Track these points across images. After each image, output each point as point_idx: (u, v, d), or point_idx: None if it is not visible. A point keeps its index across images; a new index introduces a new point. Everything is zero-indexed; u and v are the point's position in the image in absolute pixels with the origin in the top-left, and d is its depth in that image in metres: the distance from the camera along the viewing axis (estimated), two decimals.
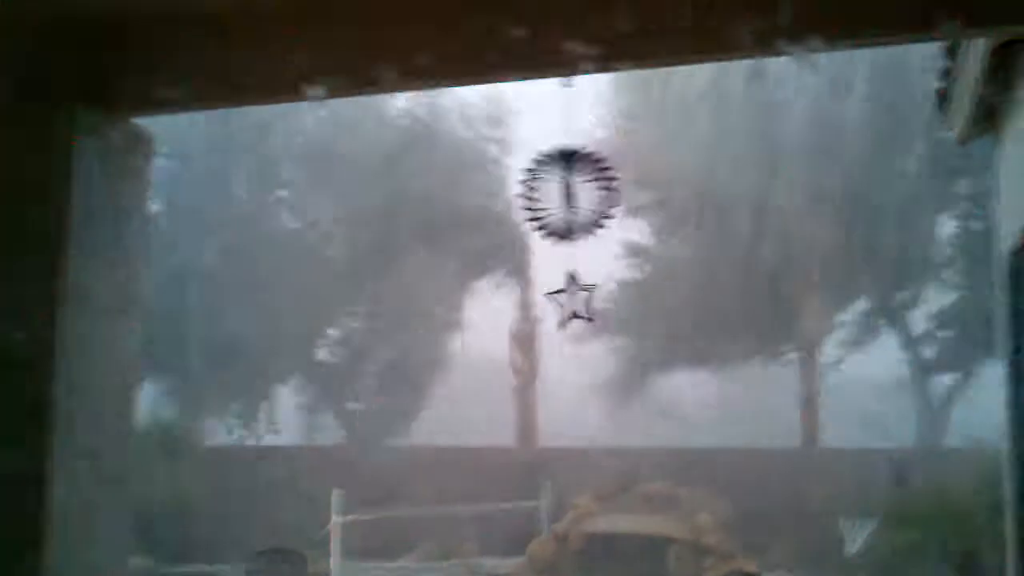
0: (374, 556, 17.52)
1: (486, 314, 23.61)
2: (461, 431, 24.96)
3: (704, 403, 22.79)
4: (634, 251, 22.46)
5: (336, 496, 12.87)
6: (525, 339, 23.05)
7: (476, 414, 27.21)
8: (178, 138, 18.92)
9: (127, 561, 4.41)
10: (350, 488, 13.74)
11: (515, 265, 23.13)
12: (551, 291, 4.80)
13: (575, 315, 4.87)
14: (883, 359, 23.53)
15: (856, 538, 16.95)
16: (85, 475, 4.07)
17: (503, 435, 22.76)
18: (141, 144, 4.21)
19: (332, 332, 23.96)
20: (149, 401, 20.05)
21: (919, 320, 21.47)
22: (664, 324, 22.14)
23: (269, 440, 23.37)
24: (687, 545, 16.98)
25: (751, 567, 13.81)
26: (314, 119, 22.88)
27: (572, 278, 4.65)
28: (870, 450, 19.65)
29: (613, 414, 23.00)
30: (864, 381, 31.52)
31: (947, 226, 21.10)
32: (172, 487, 18.02)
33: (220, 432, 23.66)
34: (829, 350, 21.43)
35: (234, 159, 22.32)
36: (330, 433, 23.42)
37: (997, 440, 4.95)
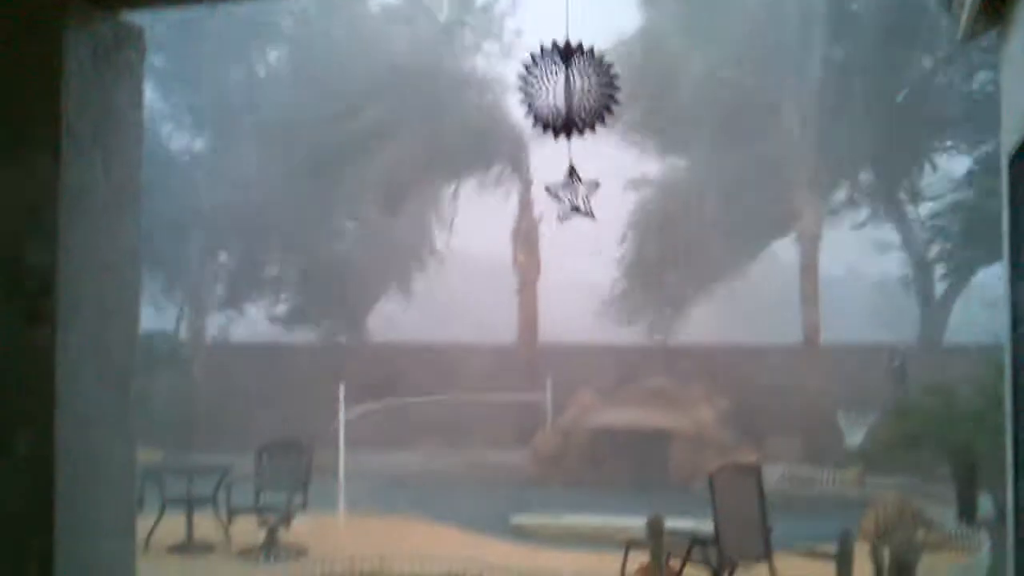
0: (381, 449, 17.83)
1: (488, 213, 23.53)
2: (464, 329, 25.14)
3: (706, 300, 22.86)
4: (637, 149, 22.30)
5: (342, 391, 13.02)
6: (527, 237, 23.00)
7: (479, 312, 27.37)
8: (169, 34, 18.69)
9: (135, 454, 4.48)
10: (356, 384, 13.89)
11: (515, 162, 22.94)
12: (550, 185, 4.73)
13: (575, 209, 4.81)
14: (886, 256, 23.54)
15: (855, 431, 17.20)
16: (90, 372, 4.10)
17: (506, 333, 22.92)
18: (132, 39, 4.13)
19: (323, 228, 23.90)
20: (150, 298, 20.15)
21: (923, 216, 21.37)
22: (666, 222, 22.10)
23: (272, 336, 23.59)
24: (687, 439, 17.23)
25: (751, 459, 14.00)
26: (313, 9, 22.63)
27: (572, 171, 4.57)
28: (871, 346, 19.79)
29: (616, 312, 23.10)
30: (866, 278, 31.62)
31: (954, 121, 20.86)
32: (177, 384, 18.26)
33: (218, 326, 23.89)
34: (831, 246, 21.36)
35: (225, 54, 22.01)
36: (323, 330, 23.58)
37: (998, 337, 4.94)
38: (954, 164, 20.78)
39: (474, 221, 23.80)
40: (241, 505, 10.73)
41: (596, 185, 4.99)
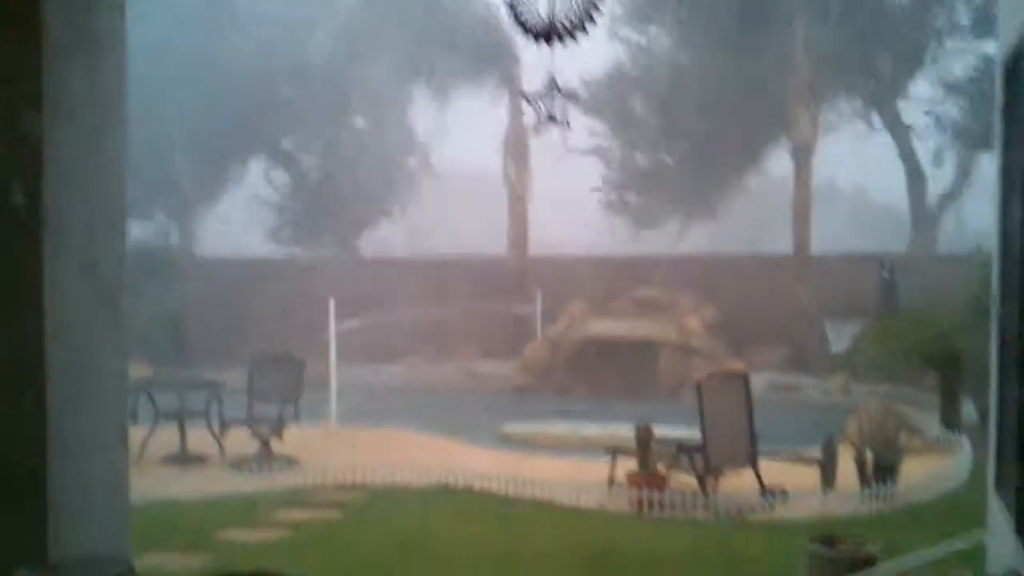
0: (372, 362, 17.96)
1: (478, 125, 23.31)
2: (455, 241, 25.11)
3: (696, 211, 22.81)
4: (627, 50, 22.00)
5: (332, 305, 13.03)
6: (516, 149, 22.83)
7: (469, 224, 27.31)
8: None
9: (127, 368, 4.50)
10: (348, 298, 13.90)
11: (505, 72, 22.63)
12: (528, 93, 4.68)
13: (551, 118, 4.74)
14: (880, 167, 23.45)
15: (841, 339, 17.34)
16: (82, 288, 4.09)
17: (496, 245, 22.90)
18: None
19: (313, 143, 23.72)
20: (138, 212, 20.03)
21: (918, 126, 21.22)
22: (653, 133, 21.93)
23: (264, 253, 23.55)
24: (676, 348, 17.37)
25: (738, 368, 14.14)
26: None
27: (552, 81, 4.52)
28: (861, 256, 19.82)
29: (606, 223, 23.07)
30: (859, 188, 31.58)
31: (952, 28, 20.61)
32: (168, 299, 18.26)
33: (207, 241, 23.84)
34: (825, 156, 21.25)
35: None
36: (314, 245, 23.54)
37: (987, 246, 4.95)
38: (951, 71, 20.58)
39: (464, 133, 23.59)
40: (233, 418, 10.82)
41: (575, 95, 4.92)
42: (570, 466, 10.48)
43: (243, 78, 20.88)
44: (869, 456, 9.19)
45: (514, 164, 22.95)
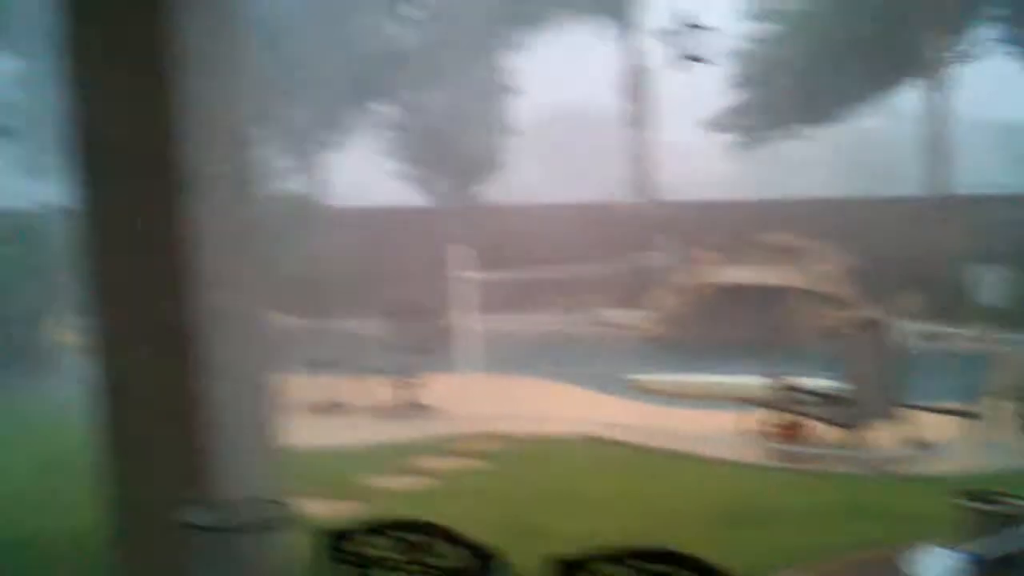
0: (498, 311, 18.08)
1: (596, 64, 22.99)
2: (572, 187, 24.96)
3: (829, 151, 22.18)
4: None
5: (458, 254, 13.15)
6: (638, 89, 22.46)
7: (587, 169, 27.08)
8: None
9: (269, 317, 4.63)
10: (479, 246, 13.99)
11: (623, 12, 22.17)
12: (663, 30, 4.55)
13: (692, 57, 4.60)
14: (1019, 98, 22.33)
15: (987, 285, 16.69)
16: (225, 240, 4.22)
17: (617, 190, 22.69)
18: None
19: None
20: (267, 161, 20.41)
21: None
22: (786, 71, 21.30)
23: (390, 201, 23.84)
24: (809, 295, 17.00)
25: (875, 315, 13.75)
26: None
27: (686, 17, 4.38)
28: (1004, 196, 18.98)
29: (731, 165, 22.63)
30: (998, 123, 30.11)
31: None
32: (304, 249, 18.67)
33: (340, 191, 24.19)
34: (964, 90, 20.30)
35: None
36: (441, 192, 23.70)
37: None
38: None
39: (583, 73, 23.35)
40: (375, 367, 11.07)
41: (711, 30, 4.78)
42: (702, 416, 10.43)
43: (363, 25, 21.00)
44: (1019, 408, 8.89)
45: (637, 106, 22.65)
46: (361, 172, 25.36)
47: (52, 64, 4.08)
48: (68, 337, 14.44)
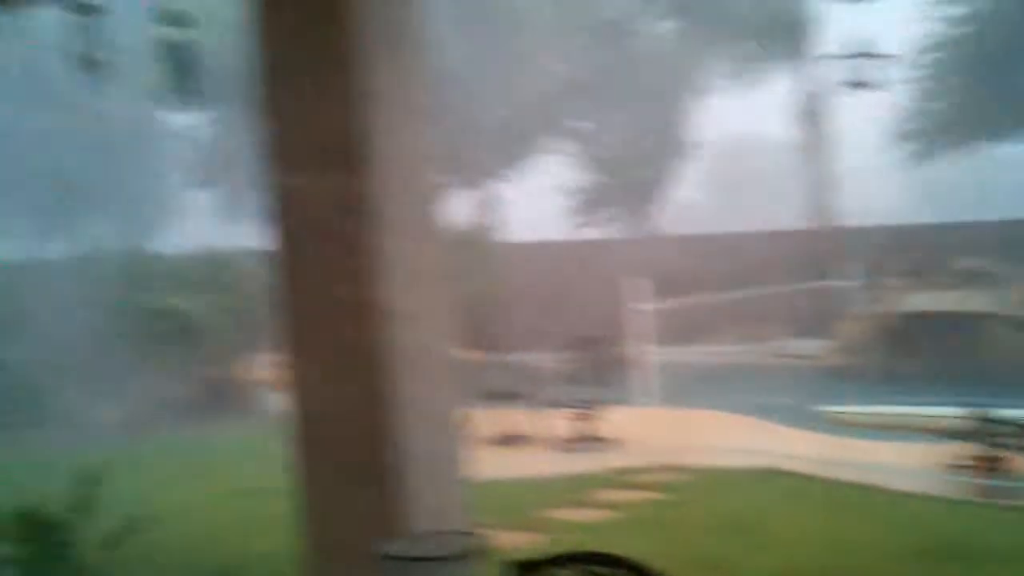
0: (685, 342, 17.87)
1: (771, 91, 22.62)
2: (759, 215, 24.48)
3: (1017, 173, 21.07)
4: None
5: (634, 285, 13.12)
6: (811, 113, 21.96)
7: (773, 197, 26.54)
8: None
9: (455, 350, 4.72)
10: (656, 277, 13.93)
11: (798, 36, 21.72)
12: (835, 56, 4.46)
13: (861, 84, 4.48)
14: None
15: None
16: (412, 274, 4.35)
17: (802, 217, 22.16)
18: None
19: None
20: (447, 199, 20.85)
21: None
22: (962, 92, 20.38)
23: (563, 234, 23.99)
24: (1003, 321, 16.13)
25: None
26: None
27: (861, 44, 4.29)
28: None
29: (914, 188, 21.78)
30: None
31: None
32: (482, 283, 18.96)
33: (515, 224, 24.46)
34: None
35: None
36: (618, 224, 23.69)
37: None
38: None
39: (757, 101, 23.02)
40: (554, 399, 11.14)
41: (890, 56, 4.65)
42: (894, 449, 10.00)
43: (540, 59, 21.32)
44: None
45: (813, 131, 22.16)
46: (537, 206, 25.65)
47: (246, 112, 4.33)
48: (261, 373, 15.15)
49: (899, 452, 9.71)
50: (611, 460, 9.92)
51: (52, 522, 5.30)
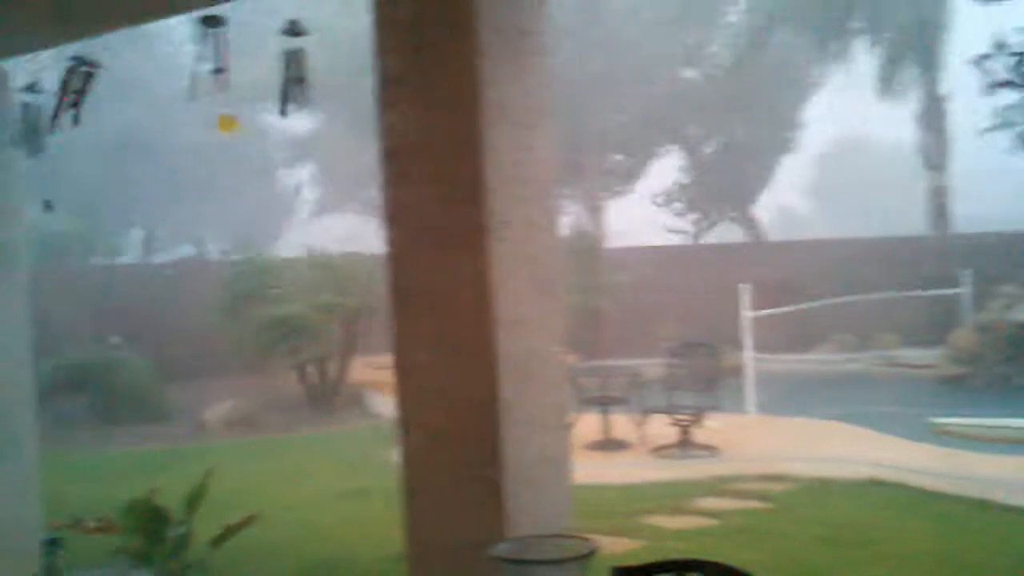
0: (787, 349, 17.57)
1: (892, 97, 22.07)
2: (869, 221, 23.96)
3: None
4: None
5: (745, 291, 12.95)
6: (933, 118, 21.35)
7: (884, 202, 25.95)
8: None
9: (565, 355, 4.73)
10: (759, 283, 13.73)
11: (930, 34, 21.14)
12: (974, 57, 4.34)
13: (1004, 83, 4.35)
14: None
15: None
16: (524, 280, 4.37)
17: (914, 223, 21.58)
18: None
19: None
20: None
21: None
22: None
23: (666, 239, 23.85)
24: None
25: None
26: None
27: (999, 43, 4.17)
28: None
29: None
30: None
31: None
32: (585, 287, 18.98)
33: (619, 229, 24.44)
34: None
35: None
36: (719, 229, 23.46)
37: None
38: None
39: (871, 104, 22.51)
40: (654, 406, 11.07)
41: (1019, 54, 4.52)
42: (1009, 462, 9.65)
43: (647, 66, 21.28)
44: None
45: (932, 135, 21.55)
46: (644, 211, 25.57)
47: (361, 120, 4.41)
48: (368, 376, 15.43)
49: (1015, 466, 9.36)
50: (711, 467, 9.81)
51: (164, 516, 5.47)
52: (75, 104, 5.25)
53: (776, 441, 10.69)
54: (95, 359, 15.59)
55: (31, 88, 5.70)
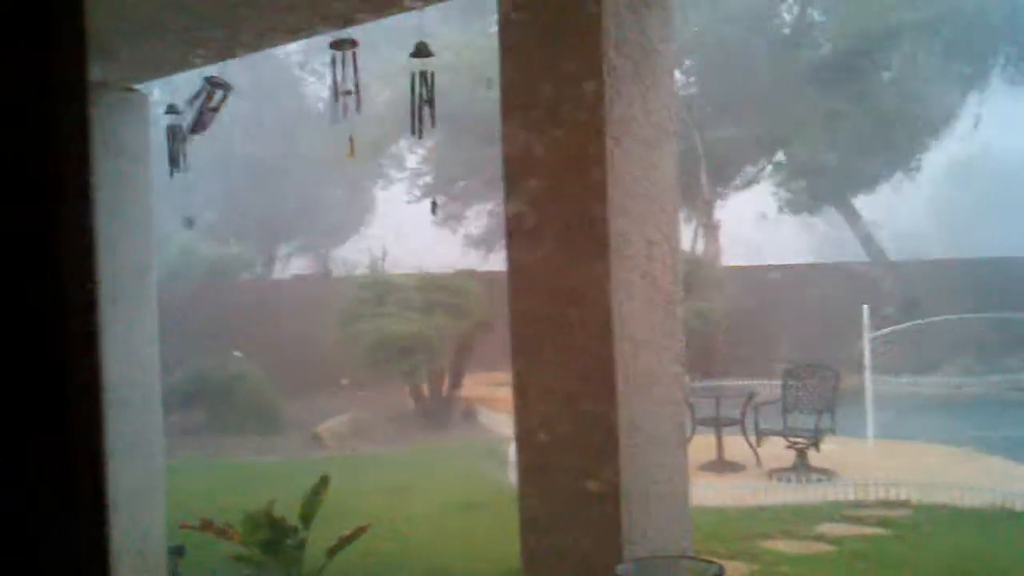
0: (907, 371, 17.05)
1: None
2: (996, 239, 23.08)
3: None
4: None
5: (865, 312, 12.62)
6: None
7: (1009, 220, 24.98)
8: None
9: (683, 373, 4.68)
10: (879, 303, 13.38)
11: None
12: None
13: None
14: None
15: None
16: (643, 298, 4.35)
17: None
18: None
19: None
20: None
21: None
22: None
23: (787, 258, 23.41)
24: None
25: None
26: None
27: None
28: None
29: None
30: None
31: None
32: (699, 306, 18.76)
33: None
34: None
35: None
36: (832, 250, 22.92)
37: None
38: None
39: (1001, 117, 21.76)
40: (769, 427, 10.87)
41: None
42: None
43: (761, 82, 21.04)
44: None
45: None
46: (757, 230, 25.16)
47: (479, 141, 4.46)
48: (481, 392, 15.53)
49: None
50: (828, 492, 9.57)
51: (282, 526, 5.59)
52: (206, 123, 5.44)
53: (897, 466, 10.36)
54: (216, 371, 16.04)
55: (171, 109, 5.94)
